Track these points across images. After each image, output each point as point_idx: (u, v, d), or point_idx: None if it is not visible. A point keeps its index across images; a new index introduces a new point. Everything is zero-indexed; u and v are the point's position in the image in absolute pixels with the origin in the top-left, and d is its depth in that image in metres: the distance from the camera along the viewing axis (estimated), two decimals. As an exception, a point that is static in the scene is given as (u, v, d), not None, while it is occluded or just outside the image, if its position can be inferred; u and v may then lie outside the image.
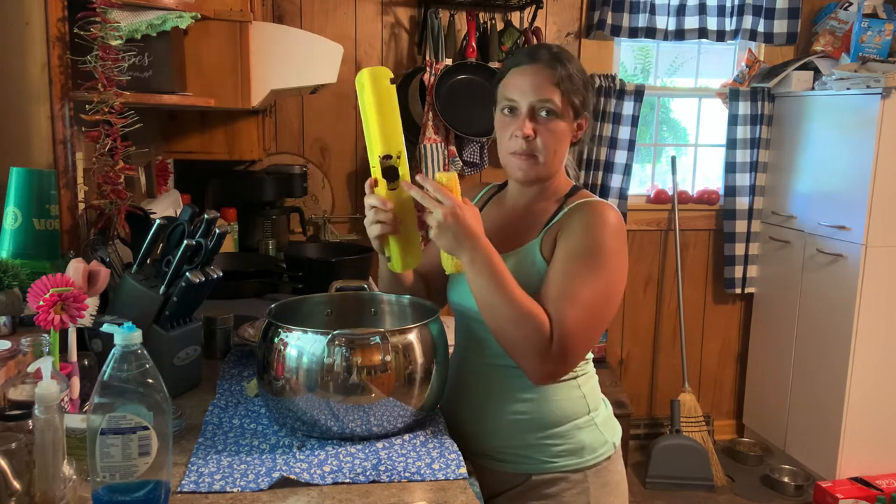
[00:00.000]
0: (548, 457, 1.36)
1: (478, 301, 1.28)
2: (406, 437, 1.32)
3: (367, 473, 1.17)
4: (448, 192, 1.26)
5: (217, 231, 1.52)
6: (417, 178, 1.29)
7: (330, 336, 1.25)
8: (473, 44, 3.15)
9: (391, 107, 1.33)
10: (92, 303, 1.37)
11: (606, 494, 1.39)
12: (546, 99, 1.33)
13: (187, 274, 1.42)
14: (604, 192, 3.44)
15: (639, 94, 3.40)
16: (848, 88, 3.11)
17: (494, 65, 3.20)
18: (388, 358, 1.26)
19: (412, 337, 1.30)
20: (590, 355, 1.44)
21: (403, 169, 1.35)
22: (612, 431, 1.43)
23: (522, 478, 1.37)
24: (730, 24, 3.45)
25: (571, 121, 1.36)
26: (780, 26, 3.46)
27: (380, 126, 1.33)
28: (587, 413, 1.39)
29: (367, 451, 1.25)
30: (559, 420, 1.36)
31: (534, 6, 3.15)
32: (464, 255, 1.25)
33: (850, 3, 3.41)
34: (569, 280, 1.26)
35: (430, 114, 3.05)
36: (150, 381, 0.96)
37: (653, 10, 3.37)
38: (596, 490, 1.37)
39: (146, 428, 0.94)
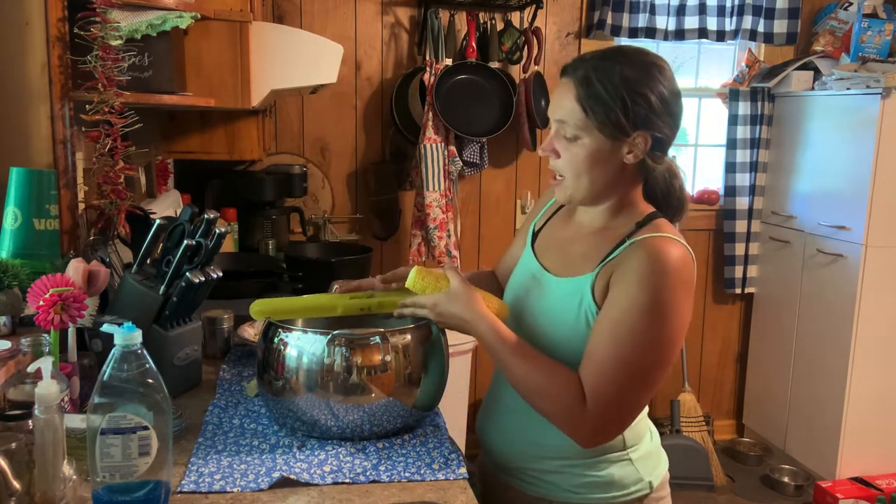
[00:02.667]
0: (571, 486, 1.26)
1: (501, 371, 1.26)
2: (406, 437, 1.32)
3: (367, 473, 1.17)
4: (411, 299, 1.28)
5: (217, 231, 1.52)
6: (395, 313, 1.32)
7: (330, 336, 1.25)
8: (473, 44, 3.15)
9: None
10: (92, 303, 1.38)
11: None
12: (562, 119, 1.19)
13: (187, 274, 1.42)
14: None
15: (639, 94, 3.39)
16: (848, 88, 3.11)
17: (494, 65, 3.21)
18: (388, 358, 1.26)
19: (412, 337, 1.30)
20: None
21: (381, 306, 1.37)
22: (652, 469, 1.29)
23: (545, 503, 1.28)
24: (730, 24, 3.45)
25: (605, 141, 1.17)
26: (780, 26, 3.46)
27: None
28: (620, 449, 1.25)
29: (367, 451, 1.25)
30: (589, 453, 1.23)
31: (534, 6, 3.15)
32: (470, 334, 1.25)
33: (850, 3, 3.41)
34: (615, 344, 1.12)
35: (430, 114, 3.05)
36: (150, 381, 0.96)
37: (653, 10, 3.37)
38: None
39: (146, 428, 0.94)
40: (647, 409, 1.31)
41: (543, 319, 1.27)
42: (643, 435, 1.30)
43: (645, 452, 1.29)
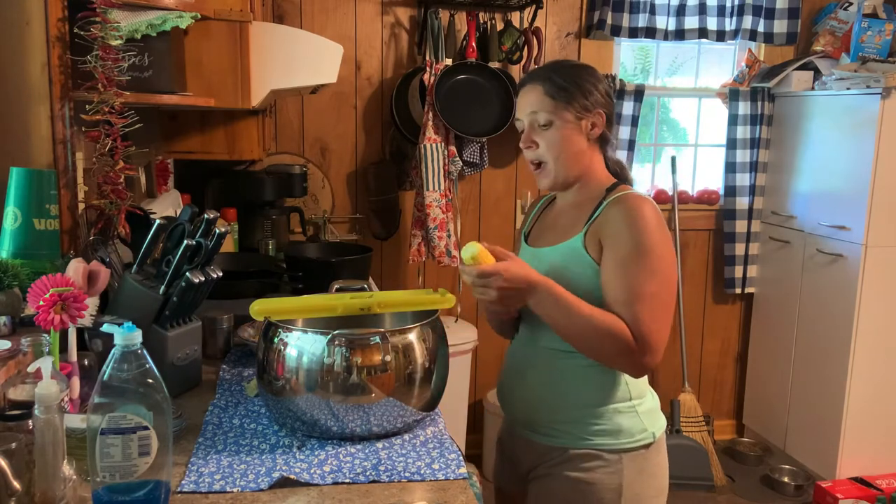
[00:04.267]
0: (586, 433, 1.43)
1: (557, 330, 1.38)
2: (406, 437, 1.32)
3: (367, 473, 1.17)
4: (483, 266, 1.32)
5: (217, 231, 1.52)
6: (462, 275, 1.38)
7: (330, 336, 1.25)
8: (473, 44, 3.15)
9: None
10: (92, 303, 1.37)
11: (640, 481, 1.43)
12: (536, 111, 1.45)
13: (187, 274, 1.42)
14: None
15: (639, 94, 3.40)
16: (848, 88, 3.11)
17: (494, 65, 3.21)
18: (388, 358, 1.26)
19: (412, 337, 1.30)
20: None
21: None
22: (654, 422, 1.48)
23: (561, 450, 1.44)
24: (730, 24, 3.45)
25: (575, 122, 1.44)
26: (780, 26, 3.46)
27: None
28: (629, 399, 1.45)
29: (367, 451, 1.25)
30: (599, 401, 1.43)
31: (534, 6, 3.15)
32: (529, 300, 1.36)
33: (850, 3, 3.41)
34: (629, 281, 1.34)
35: (430, 114, 3.05)
36: (150, 381, 0.96)
37: (653, 10, 3.37)
38: (630, 474, 1.42)
39: (146, 428, 0.94)
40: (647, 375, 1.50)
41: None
42: (646, 392, 1.50)
43: (648, 407, 1.48)
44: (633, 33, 3.37)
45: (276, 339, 1.30)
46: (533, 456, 1.50)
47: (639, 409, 1.46)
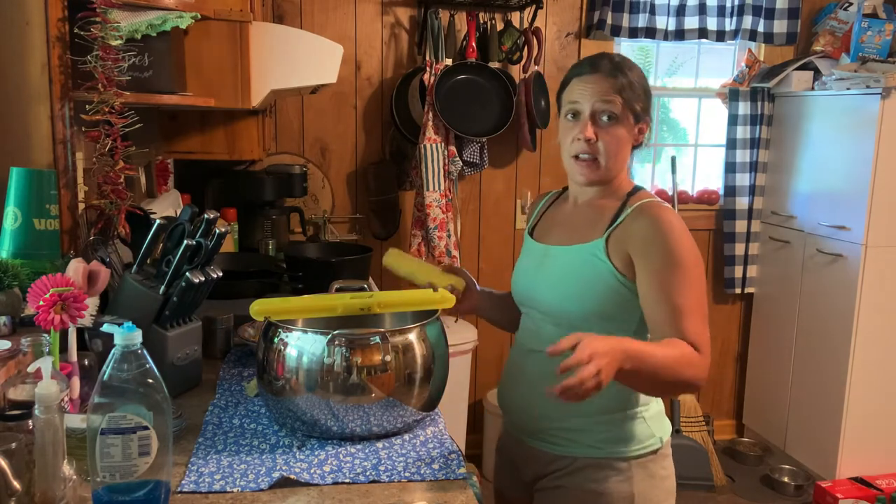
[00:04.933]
0: (593, 442, 1.40)
1: (644, 391, 1.37)
2: (406, 437, 1.32)
3: (367, 473, 1.17)
4: (579, 352, 1.10)
5: (217, 231, 1.52)
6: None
7: (330, 336, 1.25)
8: (473, 44, 3.15)
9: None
10: (92, 303, 1.37)
11: (651, 487, 1.42)
12: (607, 103, 1.38)
13: (187, 274, 1.42)
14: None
15: (639, 94, 3.40)
16: (848, 88, 3.11)
17: (494, 65, 3.21)
18: (388, 358, 1.26)
19: (412, 337, 1.31)
20: None
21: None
22: (661, 427, 1.46)
23: (569, 460, 1.41)
24: (730, 24, 3.45)
25: (632, 126, 1.41)
26: (779, 26, 3.46)
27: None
28: (636, 406, 1.42)
29: (367, 451, 1.25)
30: (606, 408, 1.39)
31: (534, 6, 3.15)
32: (623, 367, 1.18)
33: (850, 3, 3.41)
34: (671, 297, 1.32)
35: (430, 114, 3.05)
36: (150, 381, 0.96)
37: (653, 10, 3.37)
38: (640, 481, 1.40)
39: (146, 428, 0.94)
40: None
41: (549, 284, 1.42)
42: (650, 397, 1.45)
43: (655, 412, 1.45)
44: (633, 33, 3.37)
45: (276, 339, 1.30)
46: (537, 465, 1.46)
47: (645, 414, 1.43)
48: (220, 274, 1.52)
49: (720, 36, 3.45)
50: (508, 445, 1.56)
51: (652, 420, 1.44)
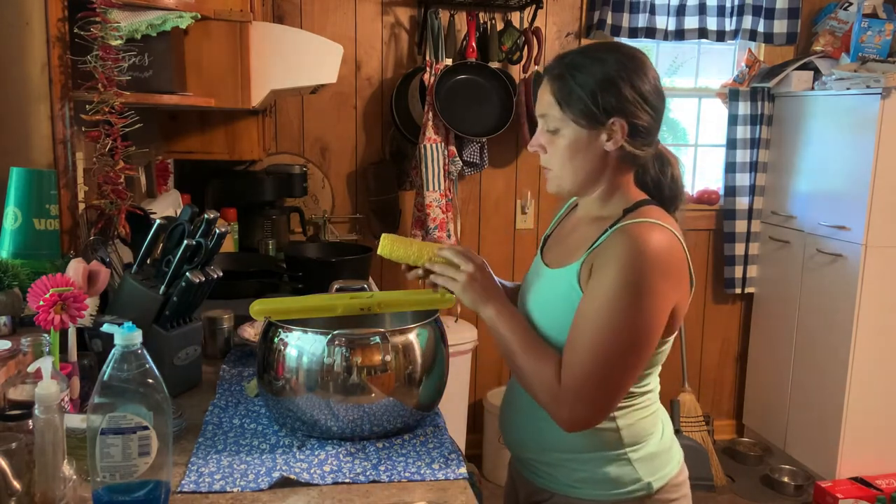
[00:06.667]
0: (570, 481, 1.29)
1: (502, 352, 1.29)
2: (406, 437, 1.32)
3: (367, 473, 1.17)
4: (467, 257, 1.29)
5: (217, 231, 1.52)
6: (433, 262, 1.33)
7: (330, 336, 1.25)
8: (473, 44, 3.15)
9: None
10: (92, 303, 1.38)
11: None
12: (543, 114, 1.27)
13: (187, 274, 1.42)
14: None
15: (639, 94, 3.39)
16: (848, 88, 3.11)
17: (494, 65, 3.21)
18: (388, 358, 1.26)
19: (412, 337, 1.30)
20: (653, 387, 1.34)
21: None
22: (653, 471, 1.28)
23: (547, 494, 1.33)
24: (730, 24, 3.45)
25: (587, 130, 1.22)
26: (779, 26, 3.46)
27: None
28: (619, 447, 1.27)
29: (367, 451, 1.25)
30: (584, 447, 1.27)
31: (534, 6, 3.15)
32: (482, 313, 1.27)
33: (850, 3, 3.41)
34: (590, 324, 1.16)
35: (430, 114, 3.05)
36: (150, 381, 0.96)
37: (653, 10, 3.37)
38: None
39: (146, 428, 0.94)
40: (659, 407, 1.35)
41: (537, 310, 1.30)
42: (648, 435, 1.29)
43: (648, 453, 1.28)
44: (633, 33, 3.37)
45: (276, 339, 1.30)
46: (524, 491, 1.40)
47: (632, 455, 1.26)
48: (220, 274, 1.52)
49: (720, 36, 3.45)
50: (511, 463, 1.49)
51: (640, 462, 1.27)
